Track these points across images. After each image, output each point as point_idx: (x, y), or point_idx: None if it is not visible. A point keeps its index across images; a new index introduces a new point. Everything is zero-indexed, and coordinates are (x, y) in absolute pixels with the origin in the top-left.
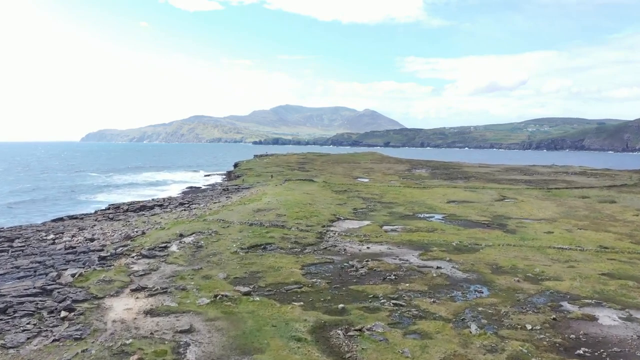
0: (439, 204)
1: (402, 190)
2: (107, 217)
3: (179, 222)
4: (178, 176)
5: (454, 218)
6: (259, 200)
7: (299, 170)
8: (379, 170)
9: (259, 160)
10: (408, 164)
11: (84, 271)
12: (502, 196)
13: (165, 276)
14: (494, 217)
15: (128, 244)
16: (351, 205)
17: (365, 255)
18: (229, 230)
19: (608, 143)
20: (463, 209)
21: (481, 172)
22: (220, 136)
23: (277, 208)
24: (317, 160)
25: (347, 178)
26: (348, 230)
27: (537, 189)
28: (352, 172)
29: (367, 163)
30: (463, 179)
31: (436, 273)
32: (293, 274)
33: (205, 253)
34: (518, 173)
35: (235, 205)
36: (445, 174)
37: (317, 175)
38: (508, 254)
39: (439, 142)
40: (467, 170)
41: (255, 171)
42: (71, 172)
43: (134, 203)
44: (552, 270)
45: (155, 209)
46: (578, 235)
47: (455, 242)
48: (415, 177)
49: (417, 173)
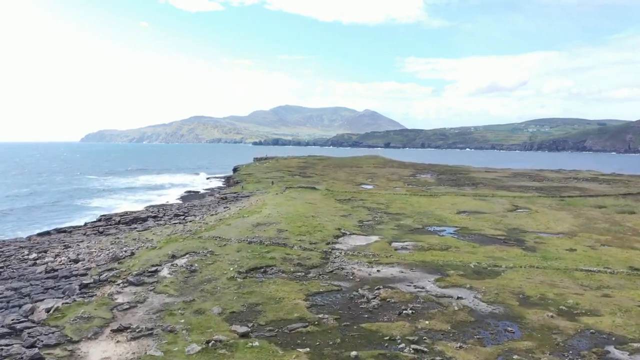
0: (449, 214)
1: (409, 199)
2: (97, 231)
3: (171, 240)
4: (177, 179)
5: (466, 232)
6: (259, 213)
7: (300, 175)
8: (382, 175)
9: (259, 165)
10: (412, 168)
11: (61, 304)
12: (515, 206)
13: (153, 311)
14: (509, 230)
15: (114, 268)
16: (356, 216)
17: (376, 281)
18: (226, 249)
19: (610, 144)
20: (475, 221)
21: (489, 177)
22: (220, 137)
23: (278, 222)
24: (318, 164)
25: (350, 184)
26: (355, 248)
27: (550, 197)
28: (355, 178)
29: (370, 167)
30: (471, 185)
31: (457, 305)
32: (297, 307)
33: (199, 279)
34: (527, 179)
35: (233, 219)
36: (451, 180)
37: (319, 181)
38: (533, 279)
39: (439, 142)
40: (474, 176)
41: (255, 177)
42: (69, 175)
43: (127, 214)
44: (586, 301)
45: (148, 220)
46: (603, 254)
47: (473, 263)
48: (421, 183)
49: (423, 179)
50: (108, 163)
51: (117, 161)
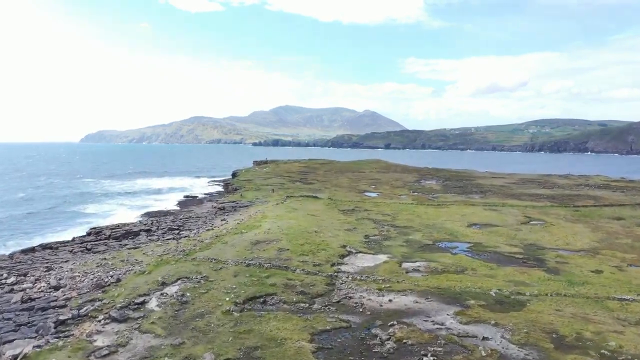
0: (460, 227)
1: (416, 209)
2: (85, 247)
3: (162, 263)
4: (175, 183)
5: (481, 249)
6: (258, 228)
7: (301, 182)
8: (386, 181)
9: (258, 170)
10: (416, 173)
11: (32, 348)
12: (527, 217)
13: (135, 358)
14: (526, 246)
15: (97, 298)
16: (362, 230)
17: (388, 315)
18: (222, 274)
19: (612, 145)
20: (488, 236)
21: (496, 184)
22: (219, 137)
23: (279, 239)
24: (319, 169)
25: (353, 192)
26: (362, 270)
27: (563, 207)
28: (358, 184)
29: (373, 172)
30: (479, 193)
31: (484, 349)
32: (301, 351)
33: (191, 313)
34: (536, 186)
35: (230, 235)
36: (458, 187)
37: (321, 188)
38: (563, 311)
39: (440, 143)
40: (481, 182)
41: (254, 183)
42: (67, 178)
43: (118, 227)
44: (630, 342)
45: (140, 235)
46: (633, 277)
47: (493, 290)
48: (426, 190)
49: (428, 185)
50: (107, 165)
51: (117, 163)
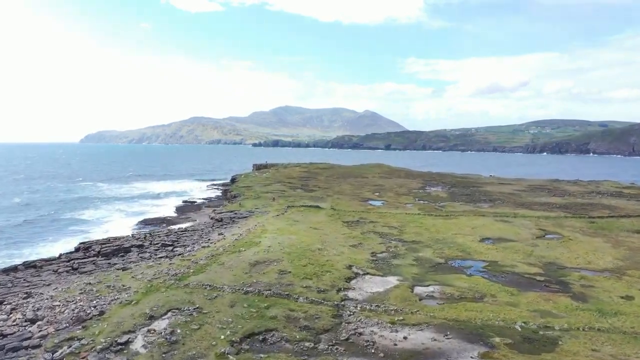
0: (472, 242)
1: (424, 221)
2: (71, 267)
3: (152, 290)
4: (174, 186)
5: (497, 269)
6: (257, 245)
7: (302, 189)
8: (390, 188)
9: (258, 175)
10: (420, 179)
11: None
12: (542, 230)
13: None
14: (546, 265)
15: (76, 337)
16: (368, 246)
17: (404, 357)
18: (217, 304)
19: (614, 147)
20: (504, 253)
21: (505, 192)
22: (219, 137)
23: (280, 259)
24: (321, 174)
25: (356, 200)
26: (372, 297)
27: (578, 218)
28: (361, 191)
29: (376, 178)
30: (487, 202)
31: None
32: None
33: (181, 356)
34: (546, 193)
35: (227, 254)
36: (465, 195)
37: (323, 196)
38: (601, 351)
39: (440, 144)
40: (488, 189)
41: (253, 190)
42: (64, 181)
43: (109, 242)
44: None
45: (132, 252)
46: None
47: (518, 323)
48: (432, 198)
49: (434, 192)
50: (106, 167)
51: (116, 165)
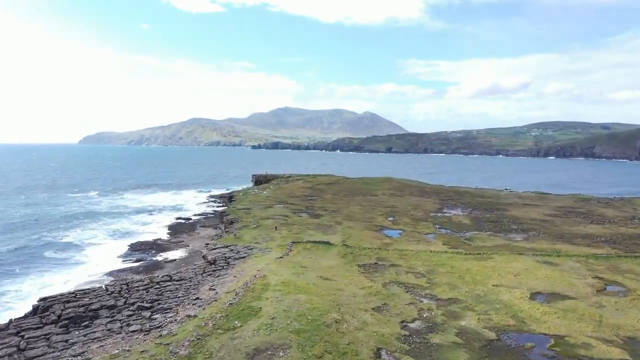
0: (521, 301)
1: (454, 264)
2: (17, 346)
3: None
4: (168, 199)
5: (569, 352)
6: (257, 314)
7: (307, 212)
8: (404, 210)
9: (258, 192)
10: (435, 197)
11: None
12: (598, 278)
13: None
14: (627, 343)
15: None
16: (395, 309)
17: None
18: None
19: (620, 151)
20: (566, 320)
21: (535, 218)
22: (219, 139)
23: (287, 343)
24: (325, 191)
25: (369, 230)
26: None
27: (633, 258)
28: (373, 215)
29: (386, 196)
30: (519, 231)
31: None
32: None
33: None
34: (582, 219)
35: (218, 334)
36: (491, 223)
37: (331, 223)
38: None
39: (442, 147)
40: (516, 214)
41: (252, 215)
42: (53, 191)
43: (75, 298)
44: None
45: (100, 316)
46: None
47: None
48: (454, 225)
49: (455, 218)
50: (100, 175)
51: (110, 172)
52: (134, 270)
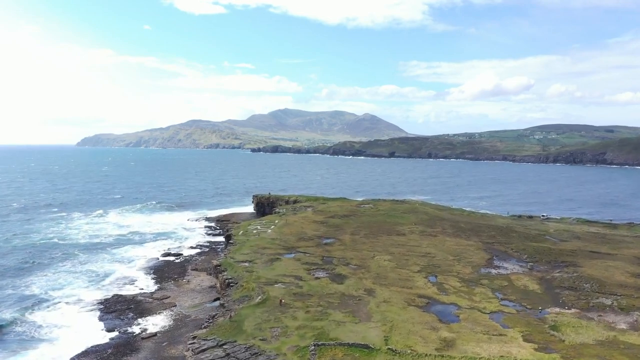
0: None
1: None
2: None
3: None
4: (158, 222)
5: None
6: None
7: (325, 271)
8: (445, 262)
9: (261, 229)
10: (476, 237)
11: None
12: None
13: None
14: None
15: None
16: None
17: None
18: None
19: (632, 157)
20: None
21: (622, 280)
22: (218, 142)
23: None
24: (343, 228)
25: (414, 305)
26: None
27: None
28: (410, 272)
29: (415, 233)
30: (615, 310)
31: None
32: None
33: None
34: None
35: None
36: (567, 289)
37: (359, 292)
38: None
39: (447, 152)
40: (593, 274)
41: (255, 275)
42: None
43: None
44: None
45: None
46: None
47: None
48: (520, 294)
49: (515, 279)
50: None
51: (104, 182)
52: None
